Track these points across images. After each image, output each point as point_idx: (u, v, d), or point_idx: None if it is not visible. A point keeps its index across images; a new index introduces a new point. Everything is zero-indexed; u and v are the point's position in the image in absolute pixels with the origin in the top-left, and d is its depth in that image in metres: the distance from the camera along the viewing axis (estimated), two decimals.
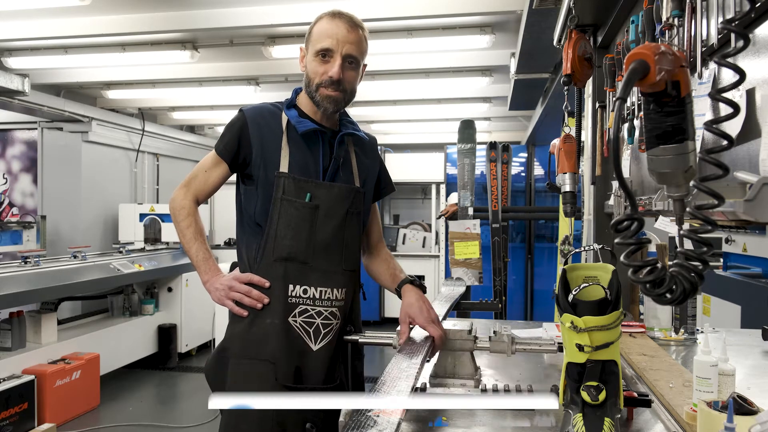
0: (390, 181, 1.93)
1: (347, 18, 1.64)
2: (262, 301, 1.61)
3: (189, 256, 1.69)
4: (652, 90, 0.87)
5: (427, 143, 8.69)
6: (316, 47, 1.62)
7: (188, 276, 5.92)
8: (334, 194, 1.65)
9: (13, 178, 6.66)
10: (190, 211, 1.69)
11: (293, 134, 1.66)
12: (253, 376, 1.59)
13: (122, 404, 4.71)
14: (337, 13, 1.64)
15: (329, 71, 1.61)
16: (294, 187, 1.61)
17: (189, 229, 1.68)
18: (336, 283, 1.66)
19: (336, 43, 1.60)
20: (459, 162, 4.06)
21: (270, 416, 1.56)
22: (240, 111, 1.70)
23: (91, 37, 4.24)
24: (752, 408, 1.00)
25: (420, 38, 4.20)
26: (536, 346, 1.58)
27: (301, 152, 1.65)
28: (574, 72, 2.10)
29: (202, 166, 1.71)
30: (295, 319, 1.62)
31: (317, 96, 1.64)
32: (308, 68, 1.66)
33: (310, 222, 1.62)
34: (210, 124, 8.29)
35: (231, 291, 1.61)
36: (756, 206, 0.92)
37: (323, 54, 1.61)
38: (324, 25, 1.63)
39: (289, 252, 1.62)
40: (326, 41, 1.60)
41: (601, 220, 2.44)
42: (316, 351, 1.62)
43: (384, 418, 1.00)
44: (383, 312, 7.63)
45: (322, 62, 1.62)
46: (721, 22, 1.05)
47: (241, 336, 1.63)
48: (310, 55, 1.65)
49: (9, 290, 3.88)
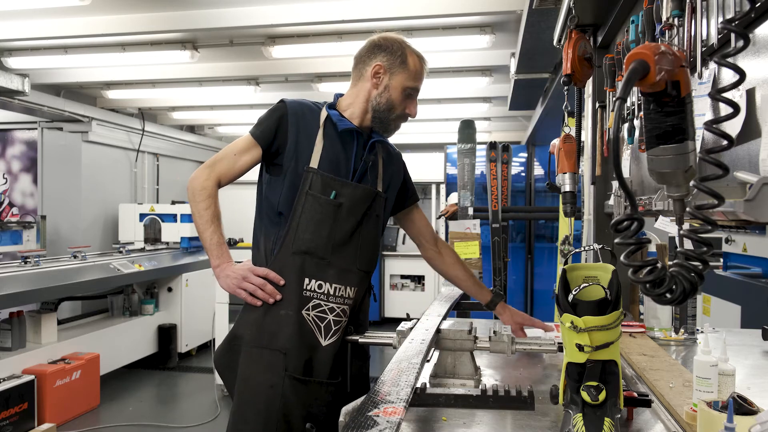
0: (415, 191, 2.01)
1: (426, 65, 1.81)
2: (275, 297, 1.63)
3: (202, 238, 1.67)
4: (652, 90, 0.87)
5: (427, 143, 8.69)
6: (410, 84, 1.74)
7: (188, 276, 5.92)
8: (359, 195, 1.69)
9: (13, 178, 6.65)
10: (211, 192, 1.68)
11: (330, 131, 1.70)
12: (264, 365, 1.62)
13: (122, 404, 4.71)
14: (423, 57, 1.79)
15: (412, 110, 1.78)
16: (321, 184, 1.64)
17: (207, 211, 1.67)
18: (350, 281, 1.69)
19: (419, 87, 1.78)
20: (459, 162, 4.06)
21: (276, 407, 1.58)
22: (281, 101, 1.73)
23: (91, 37, 4.23)
24: (752, 408, 0.99)
25: (420, 38, 4.20)
26: (536, 346, 1.58)
27: (334, 149, 1.69)
28: (574, 72, 2.10)
29: (231, 149, 1.71)
30: (309, 312, 1.64)
31: (392, 124, 1.78)
32: (393, 95, 1.73)
33: (333, 219, 1.65)
34: (210, 124, 8.28)
35: (244, 281, 1.63)
36: (756, 206, 0.92)
37: (410, 91, 1.75)
38: (418, 65, 1.76)
39: (309, 246, 1.64)
40: (418, 83, 1.76)
41: (601, 220, 2.44)
42: (325, 346, 1.65)
43: (384, 418, 1.00)
44: (383, 312, 7.63)
45: (406, 98, 1.75)
46: (721, 22, 1.05)
47: (255, 324, 1.65)
48: (398, 84, 1.73)
49: (9, 290, 3.87)
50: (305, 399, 1.61)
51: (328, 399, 1.64)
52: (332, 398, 1.64)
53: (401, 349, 1.47)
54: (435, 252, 2.00)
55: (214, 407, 4.54)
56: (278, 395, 1.59)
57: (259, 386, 1.61)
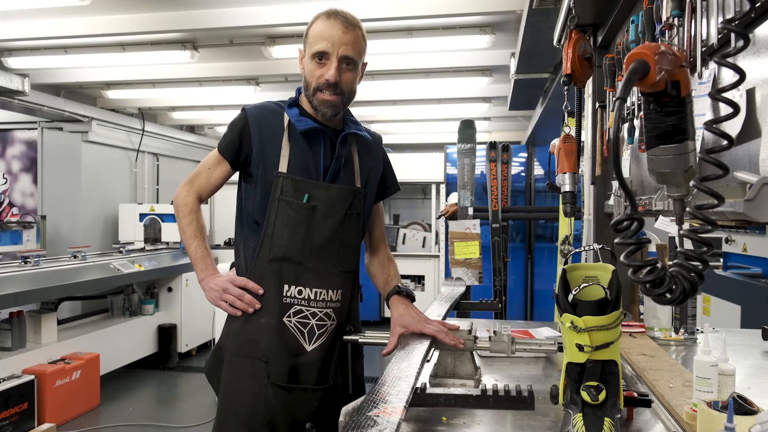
0: (395, 180, 1.91)
1: (342, 18, 1.60)
2: (254, 306, 1.61)
3: (188, 252, 1.71)
4: (652, 90, 0.87)
5: (427, 143, 8.69)
6: (312, 50, 1.60)
7: (188, 276, 5.92)
8: (333, 195, 1.64)
9: (13, 178, 6.65)
10: (192, 208, 1.70)
11: (294, 133, 1.65)
12: (246, 374, 1.60)
13: (122, 404, 4.71)
14: (332, 13, 1.61)
15: (325, 74, 1.59)
16: (292, 188, 1.60)
17: (190, 226, 1.69)
18: (331, 284, 1.66)
19: (331, 46, 1.57)
20: (459, 162, 4.06)
21: (260, 415, 1.57)
22: (242, 110, 1.69)
23: (91, 37, 4.23)
24: (752, 408, 1.00)
25: (420, 38, 4.20)
26: (536, 346, 1.58)
27: (301, 151, 1.64)
28: (574, 72, 2.10)
29: (205, 164, 1.72)
30: (290, 319, 1.62)
31: (315, 100, 1.63)
32: (306, 71, 1.64)
33: (307, 223, 1.61)
34: (210, 124, 8.28)
35: (225, 293, 1.62)
36: (756, 206, 0.92)
37: (319, 56, 1.59)
38: (319, 27, 1.60)
39: (285, 252, 1.61)
40: (321, 44, 1.58)
41: (601, 220, 2.44)
42: (310, 351, 1.63)
43: (384, 418, 1.00)
44: (383, 312, 7.63)
45: (318, 65, 1.60)
46: (721, 22, 1.05)
47: (236, 334, 1.64)
48: (307, 57, 1.64)
49: (9, 290, 3.87)
50: (290, 406, 1.59)
51: (315, 405, 1.62)
52: (320, 404, 1.62)
53: (401, 349, 1.47)
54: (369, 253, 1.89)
55: (214, 407, 4.52)
56: (261, 404, 1.57)
57: (241, 395, 1.59)
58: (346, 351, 1.73)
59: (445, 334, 1.53)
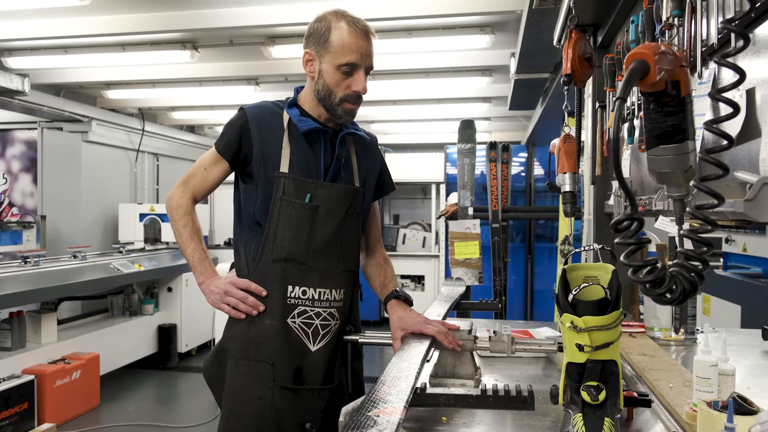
0: (390, 180, 1.91)
1: (364, 28, 1.60)
2: (258, 308, 1.60)
3: (185, 256, 1.68)
4: (652, 90, 0.87)
5: (427, 143, 8.69)
6: (341, 60, 1.57)
7: (188, 276, 5.92)
8: (334, 195, 1.64)
9: (13, 178, 6.65)
10: (187, 210, 1.68)
11: (294, 133, 1.64)
12: (252, 376, 1.59)
13: (122, 404, 4.71)
14: (352, 21, 1.59)
15: (355, 86, 1.60)
16: (294, 188, 1.60)
17: (185, 228, 1.67)
18: (335, 284, 1.66)
19: (360, 57, 1.58)
20: (459, 162, 4.06)
21: (267, 418, 1.56)
22: (241, 109, 1.68)
23: (91, 37, 4.24)
24: (752, 408, 1.00)
25: (420, 38, 4.20)
26: (536, 346, 1.58)
27: (302, 151, 1.64)
28: (574, 72, 2.10)
29: (201, 164, 1.70)
30: (294, 320, 1.61)
31: (339, 109, 1.63)
32: (327, 79, 1.61)
33: (310, 223, 1.61)
34: (210, 124, 8.29)
35: (227, 296, 1.60)
36: (756, 206, 0.92)
37: (348, 67, 1.58)
38: (346, 37, 1.57)
39: (289, 253, 1.61)
40: (351, 55, 1.57)
41: (601, 220, 2.44)
42: (315, 352, 1.62)
43: (384, 418, 1.00)
44: (383, 312, 7.61)
45: (345, 76, 1.59)
46: (721, 21, 1.05)
47: (240, 337, 1.62)
48: (329, 65, 1.60)
49: (9, 290, 3.87)
50: (297, 407, 1.58)
51: (323, 405, 1.61)
52: (327, 403, 1.62)
53: (401, 349, 1.47)
54: (365, 254, 1.89)
55: (214, 407, 4.53)
56: (268, 406, 1.56)
57: (247, 398, 1.58)
58: (347, 351, 1.73)
59: (444, 335, 1.53)
